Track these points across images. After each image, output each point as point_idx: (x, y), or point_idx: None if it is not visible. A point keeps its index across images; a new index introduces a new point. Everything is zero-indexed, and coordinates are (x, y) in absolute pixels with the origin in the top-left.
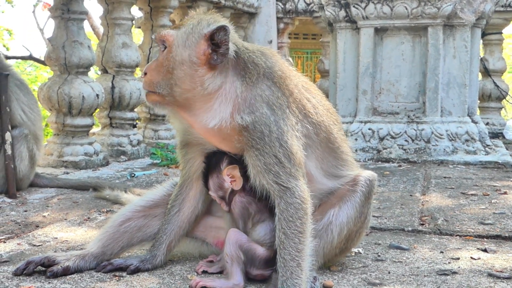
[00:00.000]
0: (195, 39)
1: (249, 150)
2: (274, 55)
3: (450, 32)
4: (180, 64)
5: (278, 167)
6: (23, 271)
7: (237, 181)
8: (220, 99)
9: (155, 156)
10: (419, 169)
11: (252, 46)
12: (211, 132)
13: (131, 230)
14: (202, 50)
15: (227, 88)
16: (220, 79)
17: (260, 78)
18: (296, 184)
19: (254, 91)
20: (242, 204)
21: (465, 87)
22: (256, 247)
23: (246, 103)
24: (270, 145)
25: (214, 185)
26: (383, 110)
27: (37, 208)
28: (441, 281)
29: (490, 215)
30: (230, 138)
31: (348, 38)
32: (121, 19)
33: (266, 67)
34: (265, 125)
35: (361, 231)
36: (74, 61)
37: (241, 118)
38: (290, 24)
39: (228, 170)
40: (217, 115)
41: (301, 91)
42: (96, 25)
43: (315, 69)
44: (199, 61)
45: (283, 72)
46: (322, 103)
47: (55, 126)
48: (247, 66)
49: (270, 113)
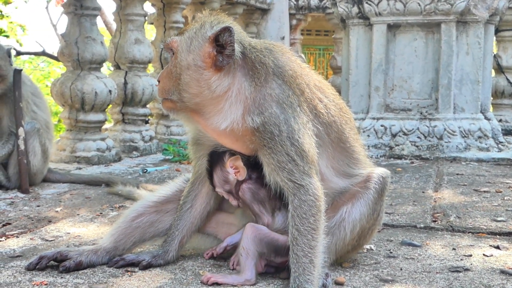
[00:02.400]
0: (198, 42)
1: (262, 149)
2: (285, 52)
3: (463, 29)
4: (186, 69)
5: (291, 165)
6: (35, 266)
7: (241, 171)
8: (230, 101)
9: (167, 152)
10: (431, 166)
11: (261, 44)
12: (224, 134)
13: (143, 226)
14: (207, 53)
15: (235, 89)
16: (227, 80)
17: (270, 77)
18: (310, 181)
19: (263, 91)
20: (250, 190)
21: (478, 84)
22: (278, 237)
23: (256, 103)
24: (281, 144)
25: (220, 180)
26: (395, 106)
27: (49, 203)
28: (453, 278)
29: (502, 212)
30: (243, 138)
31: (360, 34)
32: (134, 15)
33: (275, 66)
34: (274, 125)
35: (373, 228)
36: (87, 57)
37: (251, 119)
38: (302, 21)
39: (231, 161)
40: (228, 116)
41: (312, 90)
42: (109, 21)
43: (328, 65)
44: (204, 64)
45: (294, 71)
46: (335, 102)
47: (68, 122)
48: (255, 66)
49: (279, 111)
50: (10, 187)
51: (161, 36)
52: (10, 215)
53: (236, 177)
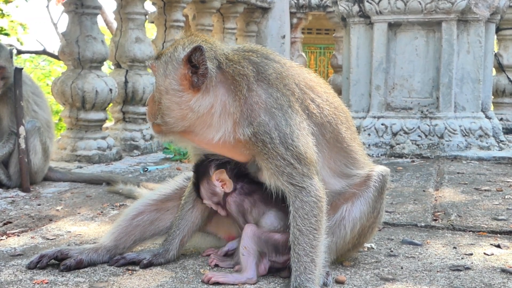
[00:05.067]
0: (173, 66)
1: (258, 155)
2: (267, 57)
3: (464, 27)
4: (165, 94)
5: (290, 168)
6: (36, 264)
7: (227, 184)
8: (217, 114)
9: (168, 150)
10: (432, 165)
11: (239, 53)
12: (218, 146)
13: (143, 224)
14: (182, 75)
15: (218, 106)
16: (208, 99)
17: (253, 86)
18: (310, 183)
19: (248, 101)
20: (235, 203)
21: (479, 83)
22: (274, 234)
23: (244, 115)
24: (275, 150)
25: (207, 193)
26: (396, 105)
27: (50, 202)
28: (454, 277)
29: (503, 211)
30: (238, 148)
31: (361, 33)
32: (134, 14)
33: (257, 72)
34: (264, 133)
35: (374, 227)
36: (88, 56)
37: (242, 131)
38: (303, 19)
39: (216, 175)
40: (220, 129)
41: (303, 90)
42: (110, 19)
43: (328, 64)
44: (181, 87)
45: (279, 73)
46: (329, 101)
47: (68, 121)
48: (235, 79)
49: (268, 119)
50: (11, 186)
51: (161, 34)
52: (11, 214)
53: (224, 189)
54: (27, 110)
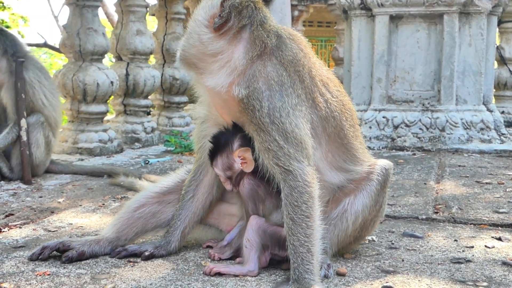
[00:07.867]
0: (212, 4)
1: (249, 125)
2: (295, 41)
3: (466, 20)
4: (193, 22)
5: (275, 145)
6: (38, 256)
7: (249, 163)
8: (219, 63)
9: (169, 143)
10: (433, 158)
11: (274, 27)
12: (212, 93)
13: (145, 216)
14: (213, 14)
15: (227, 55)
16: (221, 43)
17: (265, 56)
18: (298, 166)
19: (254, 66)
20: (251, 186)
21: (480, 75)
22: (280, 229)
23: (245, 77)
24: (262, 120)
25: (223, 165)
26: (397, 98)
27: (52, 194)
28: (455, 269)
29: (504, 204)
30: (230, 104)
31: (363, 25)
32: (135, 6)
33: (276, 47)
34: (256, 99)
35: (375, 220)
36: (89, 48)
37: (238, 90)
38: (304, 12)
39: (240, 152)
40: (216, 77)
41: (316, 83)
42: (111, 12)
43: (330, 57)
44: (207, 23)
45: (297, 59)
46: (338, 99)
47: (69, 113)
48: (255, 42)
49: (265, 88)
50: (13, 178)
51: (162, 27)
52: (13, 206)
53: (242, 167)
54: (34, 100)
